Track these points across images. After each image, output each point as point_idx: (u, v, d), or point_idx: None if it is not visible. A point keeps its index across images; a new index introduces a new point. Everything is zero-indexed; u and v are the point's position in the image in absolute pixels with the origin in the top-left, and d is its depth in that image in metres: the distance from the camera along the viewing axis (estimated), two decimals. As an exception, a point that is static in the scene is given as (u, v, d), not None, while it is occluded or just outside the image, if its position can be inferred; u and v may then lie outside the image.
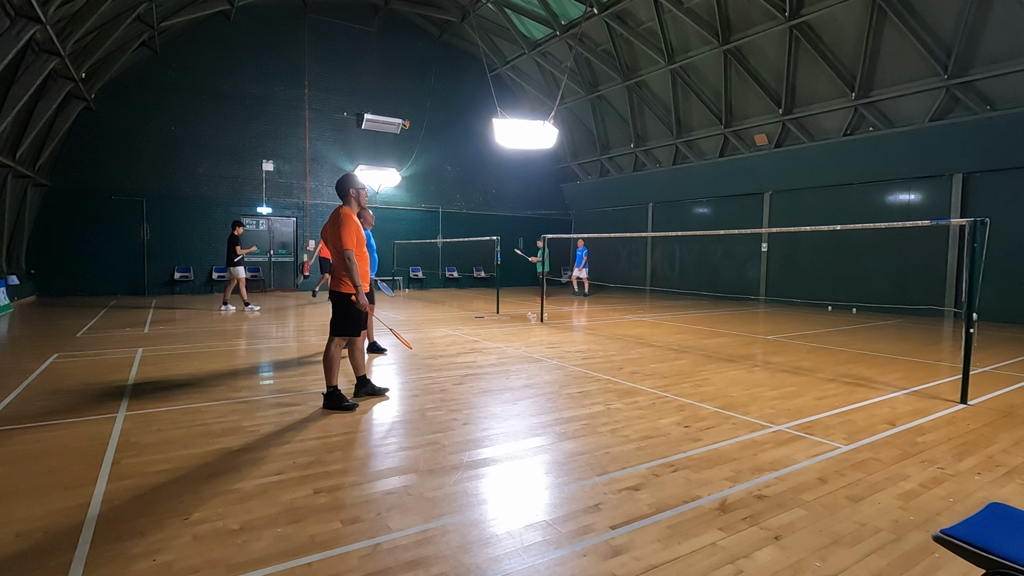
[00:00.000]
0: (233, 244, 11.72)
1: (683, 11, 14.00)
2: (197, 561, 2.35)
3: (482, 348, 7.73)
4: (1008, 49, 10.31)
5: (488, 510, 2.88)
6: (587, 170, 21.67)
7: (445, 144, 19.99)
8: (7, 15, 8.39)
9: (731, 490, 3.13)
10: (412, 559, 2.39)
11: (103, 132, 14.67)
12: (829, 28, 12.41)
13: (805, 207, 14.59)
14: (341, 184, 4.75)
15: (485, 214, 21.05)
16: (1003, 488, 3.22)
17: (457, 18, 18.24)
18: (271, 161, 16.84)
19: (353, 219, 4.63)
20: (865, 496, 3.08)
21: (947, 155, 11.77)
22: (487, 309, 12.92)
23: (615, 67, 17.08)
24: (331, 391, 4.67)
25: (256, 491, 3.04)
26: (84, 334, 8.49)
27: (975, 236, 4.96)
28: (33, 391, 5.11)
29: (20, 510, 2.78)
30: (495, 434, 4.07)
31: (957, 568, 2.37)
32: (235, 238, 11.76)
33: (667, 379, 5.92)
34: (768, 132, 14.90)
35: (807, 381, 5.94)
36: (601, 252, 21.02)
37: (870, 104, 12.57)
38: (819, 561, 2.42)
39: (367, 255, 4.87)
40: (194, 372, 5.97)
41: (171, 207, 15.63)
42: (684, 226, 17.99)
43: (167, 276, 15.72)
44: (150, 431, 4.02)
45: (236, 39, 16.20)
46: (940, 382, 5.95)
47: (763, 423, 4.40)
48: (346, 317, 4.70)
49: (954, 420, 4.56)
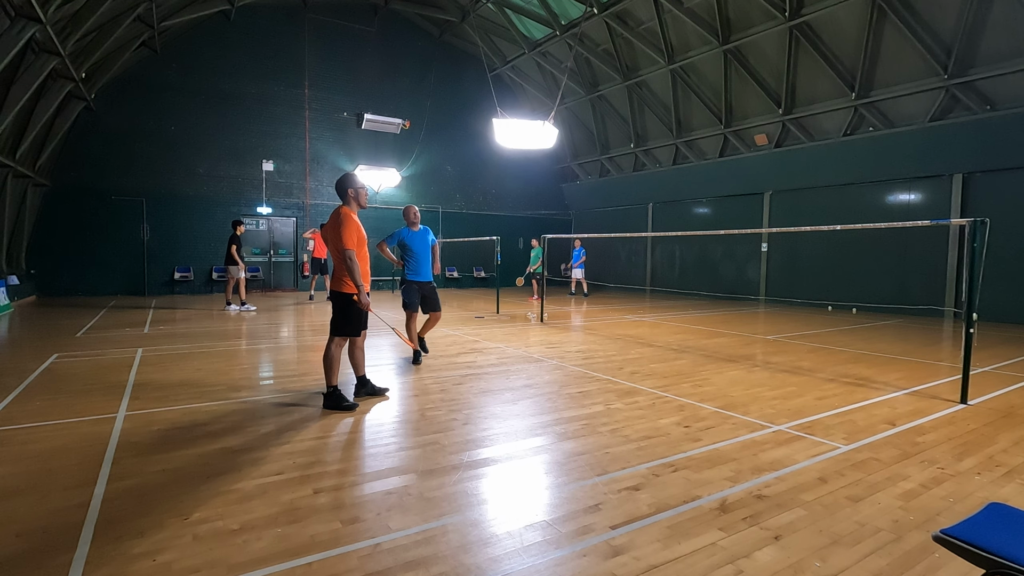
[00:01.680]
0: (231, 243, 11.72)
1: (683, 11, 14.00)
2: (197, 561, 2.35)
3: (482, 348, 7.73)
4: (1008, 49, 10.31)
5: (488, 510, 2.88)
6: (587, 170, 21.67)
7: (445, 144, 19.99)
8: (7, 15, 8.39)
9: (731, 490, 3.13)
10: (412, 559, 2.39)
11: (103, 132, 14.67)
12: (829, 28, 12.41)
13: (805, 207, 14.59)
14: (340, 184, 4.76)
15: (485, 214, 21.05)
16: (1003, 488, 3.22)
17: (457, 18, 18.24)
18: (271, 161, 16.84)
19: (353, 219, 4.63)
20: (865, 496, 3.08)
21: (947, 155, 11.77)
22: (487, 309, 12.92)
23: (615, 67, 17.07)
24: (331, 391, 4.67)
25: (256, 491, 3.04)
26: (84, 334, 8.49)
27: (975, 236, 4.96)
28: (33, 391, 5.11)
29: (20, 510, 2.78)
30: (495, 434, 4.07)
31: (957, 568, 2.37)
32: (235, 237, 11.76)
33: (667, 379, 5.92)
34: (768, 132, 14.90)
35: (807, 381, 5.94)
36: (601, 252, 21.02)
37: (870, 104, 12.57)
38: (819, 561, 2.42)
39: (368, 255, 4.87)
40: (194, 372, 5.97)
41: (171, 207, 15.63)
42: (684, 226, 17.99)
43: (167, 276, 15.72)
44: (150, 431, 4.02)
45: (236, 39, 16.20)
46: (940, 382, 5.95)
47: (763, 423, 4.40)
48: (346, 317, 4.70)
49: (954, 420, 4.56)
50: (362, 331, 4.88)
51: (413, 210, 6.70)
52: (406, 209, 6.74)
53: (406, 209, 6.74)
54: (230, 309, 11.89)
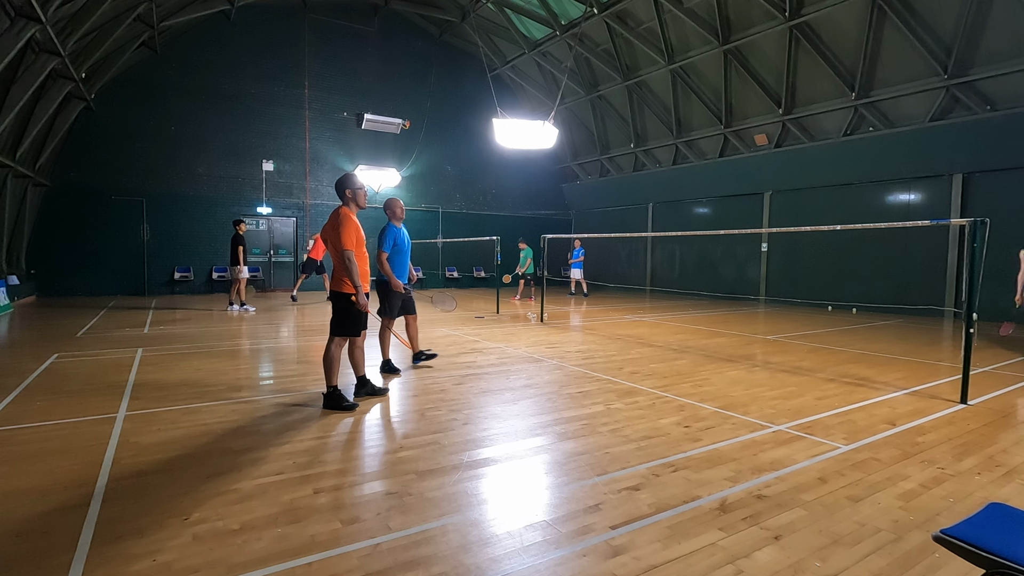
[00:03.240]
0: (237, 244, 11.71)
1: (683, 11, 14.00)
2: (197, 561, 2.35)
3: (482, 348, 7.73)
4: (1008, 49, 10.31)
5: (488, 510, 2.88)
6: (587, 170, 21.67)
7: (445, 144, 19.99)
8: (7, 15, 8.39)
9: (731, 490, 3.13)
10: (412, 559, 2.39)
11: (103, 132, 14.67)
12: (829, 28, 12.41)
13: (805, 207, 14.59)
14: (339, 184, 4.77)
15: (485, 214, 21.05)
16: (1003, 488, 3.22)
17: (457, 18, 18.24)
18: (271, 161, 16.85)
19: (352, 219, 4.63)
20: (865, 496, 3.08)
21: (947, 155, 11.77)
22: (487, 309, 12.91)
23: (615, 67, 17.07)
24: (331, 391, 4.68)
25: (256, 491, 3.04)
26: (84, 334, 8.49)
27: (975, 236, 4.96)
28: (33, 391, 5.11)
29: (20, 510, 2.78)
30: (495, 434, 4.07)
31: (957, 568, 2.37)
32: (240, 237, 11.77)
33: (667, 379, 5.92)
34: (768, 132, 14.90)
35: (807, 381, 5.94)
36: (601, 252, 21.01)
37: (870, 104, 12.57)
38: (819, 561, 2.42)
39: (367, 255, 4.87)
40: (194, 372, 5.97)
41: (171, 207, 15.63)
42: (684, 226, 17.99)
43: (167, 276, 15.72)
44: (150, 431, 4.02)
45: (236, 39, 16.20)
46: (940, 382, 5.95)
47: (763, 423, 4.40)
48: (346, 317, 4.71)
49: (954, 420, 4.56)
50: (362, 331, 4.88)
51: (400, 204, 6.03)
52: (392, 202, 6.01)
53: (392, 202, 6.01)
54: (232, 309, 11.90)
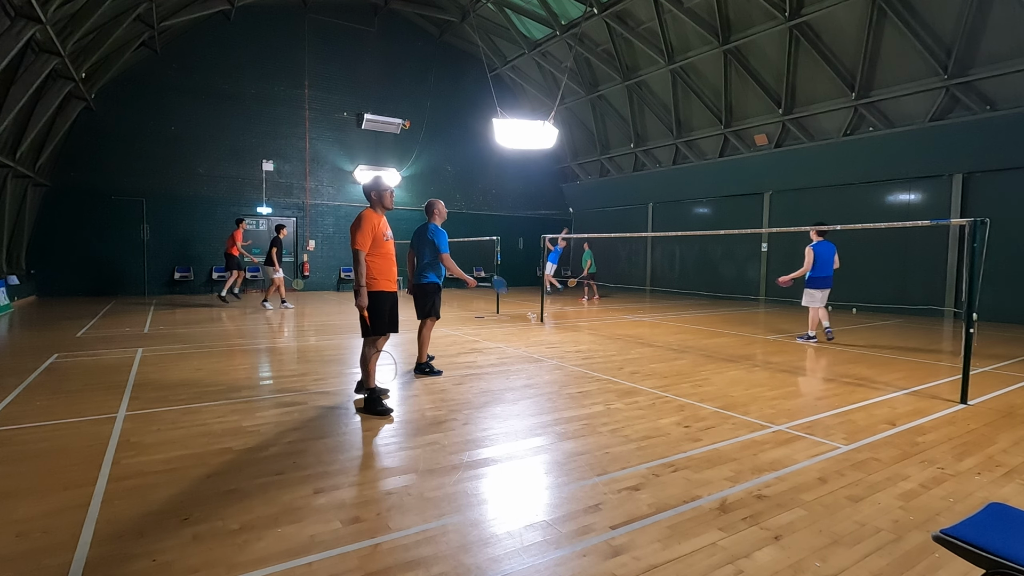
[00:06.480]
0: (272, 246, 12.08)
1: (683, 11, 14.00)
2: (197, 561, 2.35)
3: (482, 348, 7.73)
4: (1008, 49, 10.31)
5: (488, 510, 2.88)
6: (587, 170, 21.67)
7: (445, 144, 19.98)
8: (7, 15, 8.38)
9: (731, 490, 3.13)
10: (412, 559, 2.39)
11: (103, 132, 14.66)
12: (829, 28, 12.40)
13: (805, 207, 14.58)
14: (364, 188, 4.88)
15: (485, 214, 21.05)
16: (1003, 488, 3.22)
17: (457, 18, 18.23)
18: (271, 161, 16.84)
19: (369, 220, 4.62)
20: (865, 496, 3.08)
21: (947, 155, 11.76)
22: (487, 309, 12.91)
23: (615, 67, 17.07)
24: (370, 394, 4.62)
25: (256, 491, 3.04)
26: (84, 334, 8.49)
27: (975, 236, 4.96)
28: (33, 391, 5.11)
29: (20, 510, 2.78)
30: (495, 434, 4.07)
31: (957, 568, 2.37)
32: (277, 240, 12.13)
33: (667, 379, 5.92)
34: (768, 132, 14.89)
35: (807, 381, 5.94)
36: (601, 252, 20.99)
37: (870, 104, 12.57)
38: (819, 561, 2.42)
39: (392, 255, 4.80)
40: (194, 372, 5.97)
41: (171, 207, 15.62)
42: (684, 226, 17.98)
43: (167, 276, 15.72)
44: (150, 431, 4.02)
45: (236, 39, 16.19)
46: (940, 382, 5.95)
47: (763, 423, 4.40)
48: (378, 315, 4.66)
49: (954, 420, 4.56)
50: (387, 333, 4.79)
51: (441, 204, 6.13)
52: (436, 203, 6.09)
53: (436, 203, 6.09)
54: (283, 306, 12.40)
